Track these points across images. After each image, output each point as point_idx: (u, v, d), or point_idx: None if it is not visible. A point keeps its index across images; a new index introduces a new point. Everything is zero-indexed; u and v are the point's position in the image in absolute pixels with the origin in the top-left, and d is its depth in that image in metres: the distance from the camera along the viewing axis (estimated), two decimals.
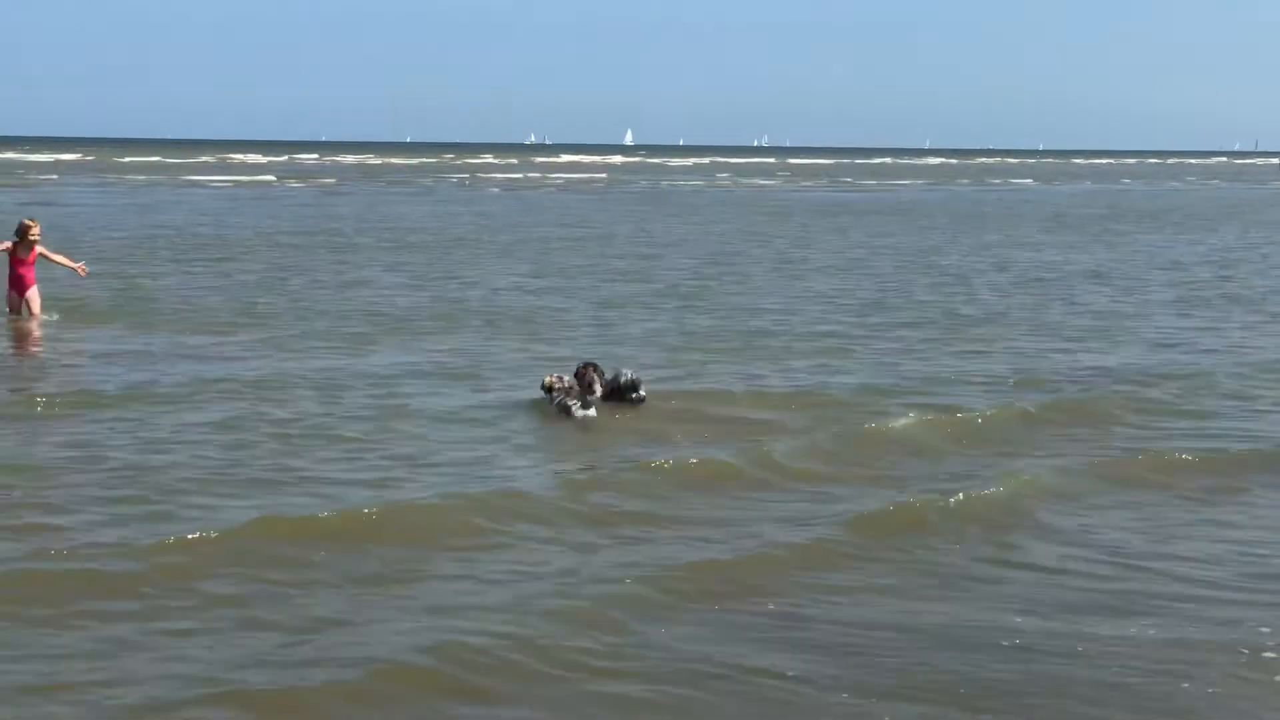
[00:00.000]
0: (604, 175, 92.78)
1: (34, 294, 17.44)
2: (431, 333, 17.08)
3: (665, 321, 18.43)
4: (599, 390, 12.31)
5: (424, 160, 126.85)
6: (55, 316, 17.50)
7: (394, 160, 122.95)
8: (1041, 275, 25.92)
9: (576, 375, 12.37)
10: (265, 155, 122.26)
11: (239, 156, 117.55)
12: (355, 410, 12.19)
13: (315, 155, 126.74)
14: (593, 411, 11.95)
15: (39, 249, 17.45)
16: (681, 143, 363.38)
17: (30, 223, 17.66)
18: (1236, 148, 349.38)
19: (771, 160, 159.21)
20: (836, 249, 31.95)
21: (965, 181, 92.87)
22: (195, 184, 65.79)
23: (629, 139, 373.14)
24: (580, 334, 17.30)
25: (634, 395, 12.28)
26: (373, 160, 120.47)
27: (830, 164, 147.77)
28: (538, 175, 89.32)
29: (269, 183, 69.89)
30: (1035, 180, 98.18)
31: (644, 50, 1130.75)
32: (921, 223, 43.29)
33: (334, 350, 15.57)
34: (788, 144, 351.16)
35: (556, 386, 12.15)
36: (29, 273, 17.43)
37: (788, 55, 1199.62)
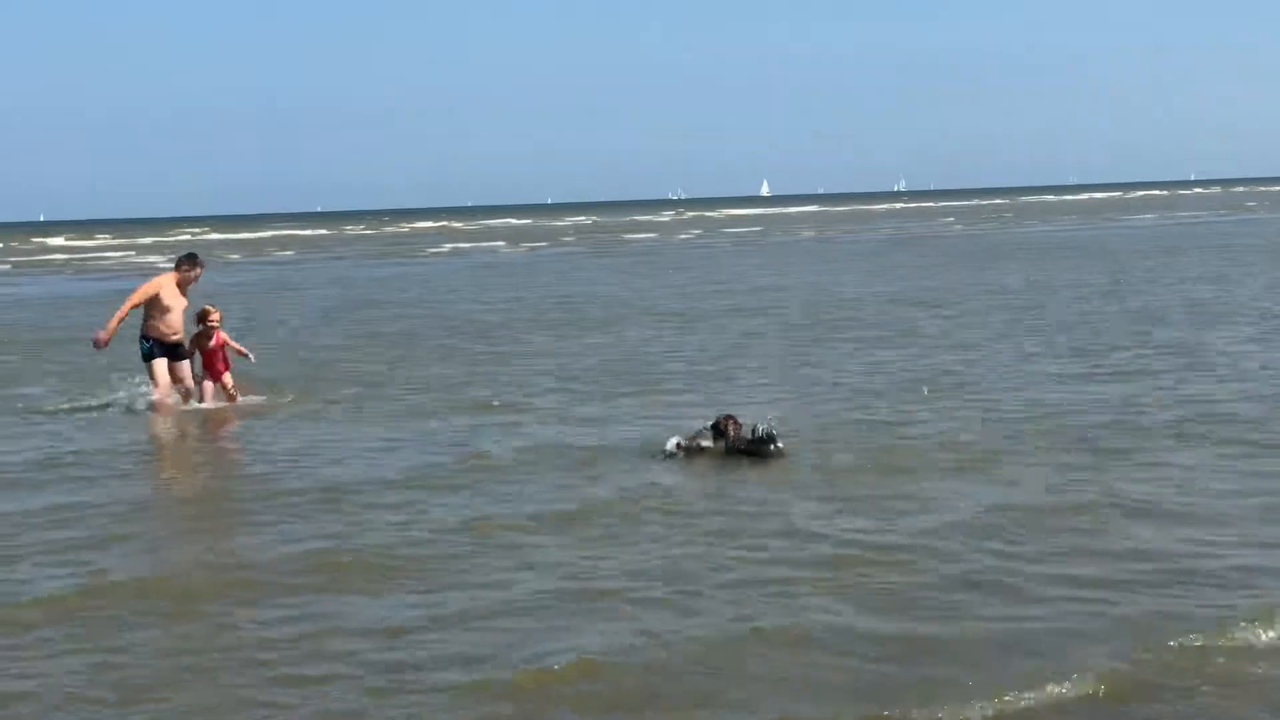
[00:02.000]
0: (813, 227, 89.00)
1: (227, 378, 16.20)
2: None
3: None
4: (704, 443, 11.72)
5: (598, 219, 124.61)
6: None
7: (576, 220, 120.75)
8: None
9: (714, 426, 11.84)
10: (451, 220, 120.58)
11: (428, 224, 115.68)
12: None
13: (508, 219, 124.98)
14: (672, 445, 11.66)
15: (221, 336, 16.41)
16: (821, 191, 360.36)
17: (209, 309, 16.44)
18: None
19: (953, 203, 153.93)
20: None
21: (1185, 215, 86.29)
22: (423, 255, 63.15)
23: (765, 190, 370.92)
24: None
25: (771, 448, 11.45)
26: (582, 221, 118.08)
27: (1005, 203, 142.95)
28: (757, 230, 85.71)
29: (499, 249, 67.22)
30: (1264, 208, 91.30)
31: (770, 102, 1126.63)
32: None
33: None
34: (931, 187, 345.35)
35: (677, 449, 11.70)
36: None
37: (914, 100, 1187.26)
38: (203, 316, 16.26)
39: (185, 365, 15.83)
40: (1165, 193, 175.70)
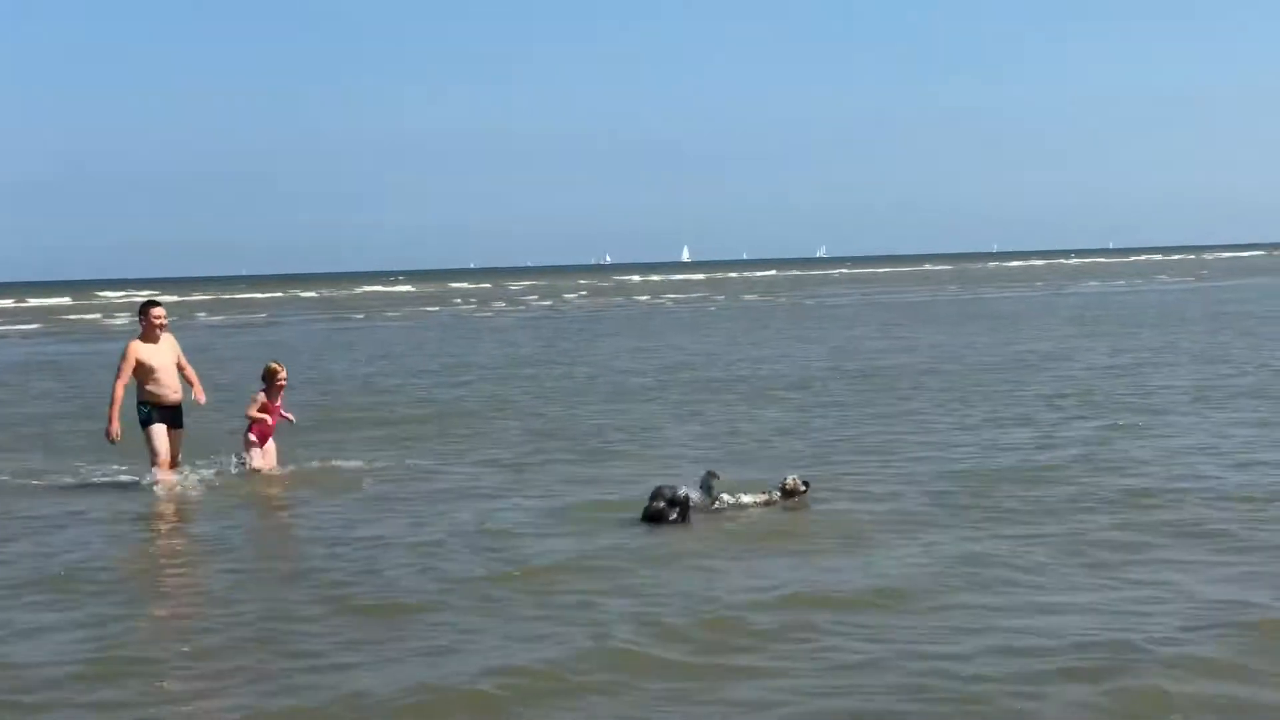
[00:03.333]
0: (775, 294, 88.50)
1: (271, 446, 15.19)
2: None
3: None
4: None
5: (554, 281, 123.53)
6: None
7: (528, 283, 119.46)
8: None
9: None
10: (380, 286, 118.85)
11: (376, 288, 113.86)
12: None
13: (458, 284, 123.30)
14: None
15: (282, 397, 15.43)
16: (745, 256, 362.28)
17: (276, 367, 15.42)
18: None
19: (891, 269, 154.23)
20: None
21: (1159, 281, 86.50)
22: (389, 316, 61.56)
23: (685, 255, 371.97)
24: None
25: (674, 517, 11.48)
26: (539, 284, 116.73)
27: (950, 269, 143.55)
28: (718, 296, 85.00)
29: (470, 310, 65.89)
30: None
31: (691, 167, 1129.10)
32: None
33: None
34: (854, 253, 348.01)
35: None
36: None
37: (839, 166, 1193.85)
38: (272, 375, 15.25)
39: (180, 435, 14.49)
40: (1108, 260, 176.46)
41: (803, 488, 12.13)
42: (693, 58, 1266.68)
